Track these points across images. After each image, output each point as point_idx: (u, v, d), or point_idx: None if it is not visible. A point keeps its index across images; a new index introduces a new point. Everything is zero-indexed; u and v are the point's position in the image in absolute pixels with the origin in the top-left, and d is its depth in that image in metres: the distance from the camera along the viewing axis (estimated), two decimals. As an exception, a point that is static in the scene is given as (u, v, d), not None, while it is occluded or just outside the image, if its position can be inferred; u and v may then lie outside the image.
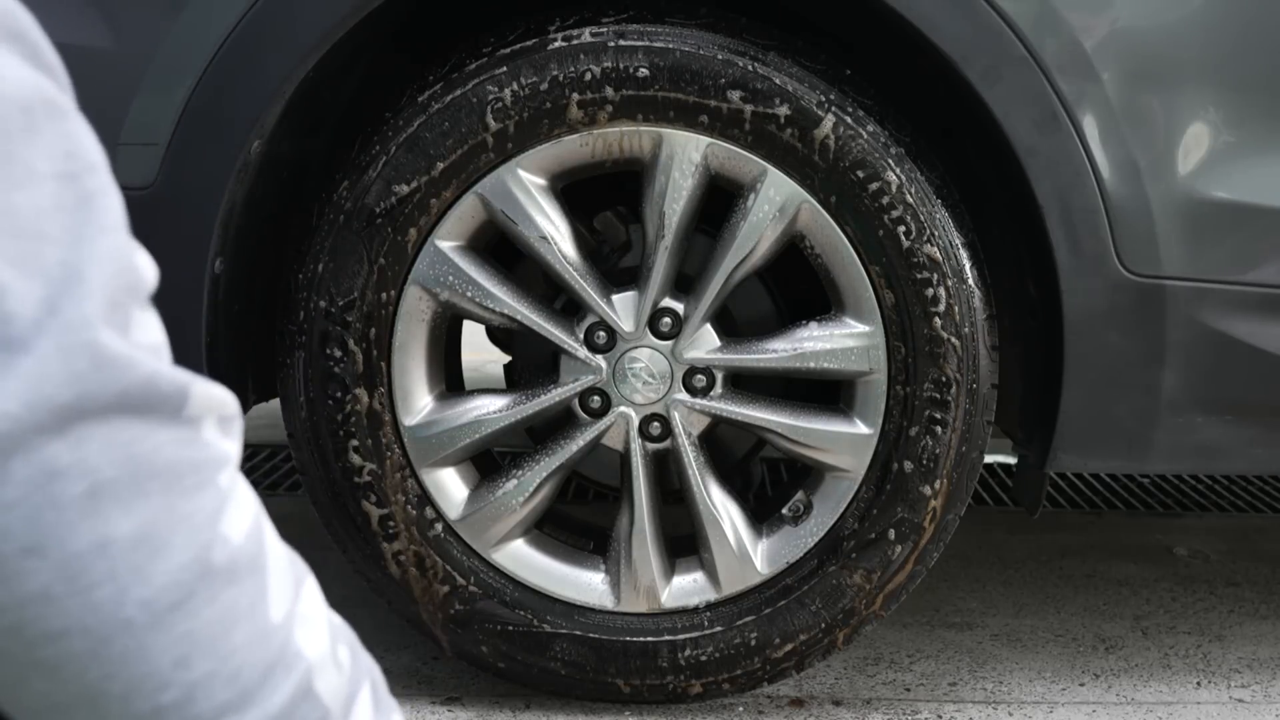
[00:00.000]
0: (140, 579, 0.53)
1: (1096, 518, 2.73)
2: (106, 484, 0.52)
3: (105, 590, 0.52)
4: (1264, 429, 1.65)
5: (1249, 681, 1.93)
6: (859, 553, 1.67)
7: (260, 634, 0.57)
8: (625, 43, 1.54)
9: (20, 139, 0.52)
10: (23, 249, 0.51)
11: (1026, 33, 1.49)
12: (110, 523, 0.52)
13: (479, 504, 1.68)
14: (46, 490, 0.51)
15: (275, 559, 0.60)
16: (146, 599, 0.53)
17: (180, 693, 0.55)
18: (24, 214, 0.51)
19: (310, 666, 0.60)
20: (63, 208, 0.53)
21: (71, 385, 0.51)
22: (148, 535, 0.53)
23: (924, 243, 1.57)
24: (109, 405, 0.52)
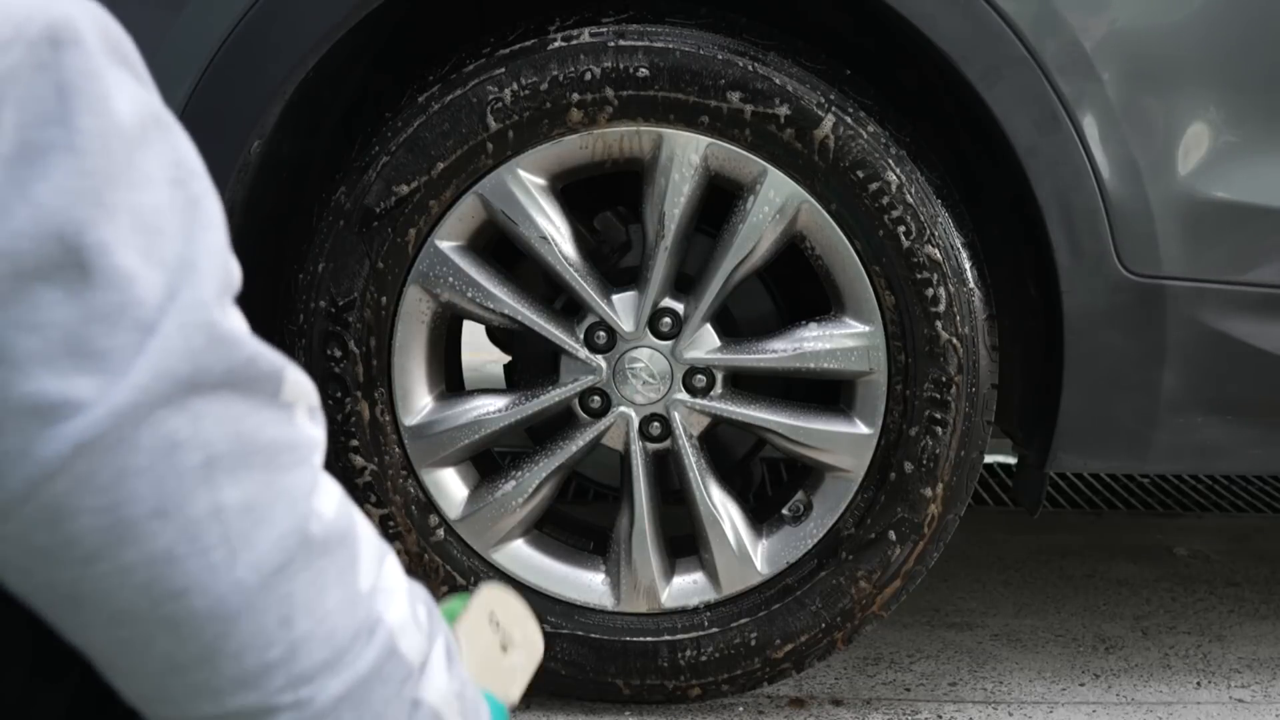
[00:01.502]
0: (248, 544, 0.59)
1: (1096, 518, 2.73)
2: (219, 456, 0.58)
3: (220, 552, 0.58)
4: (1264, 429, 1.65)
5: (1249, 681, 1.93)
6: (859, 553, 1.67)
7: (350, 600, 0.64)
8: (625, 43, 1.54)
9: (139, 149, 0.59)
10: (148, 243, 0.57)
11: (1026, 33, 1.49)
12: (222, 491, 0.58)
13: (479, 504, 1.68)
14: (170, 459, 0.57)
15: (363, 535, 0.66)
16: (254, 562, 0.59)
17: (284, 650, 0.61)
18: (145, 213, 0.58)
19: (393, 629, 0.66)
20: (176, 208, 0.60)
21: (190, 360, 0.57)
22: (253, 505, 0.59)
23: (924, 243, 1.57)
24: (220, 381, 0.58)
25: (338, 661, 0.63)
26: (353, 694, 0.64)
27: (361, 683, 0.64)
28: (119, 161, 0.58)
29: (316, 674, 0.62)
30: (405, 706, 0.67)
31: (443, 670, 0.71)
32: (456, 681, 0.73)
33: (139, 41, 0.65)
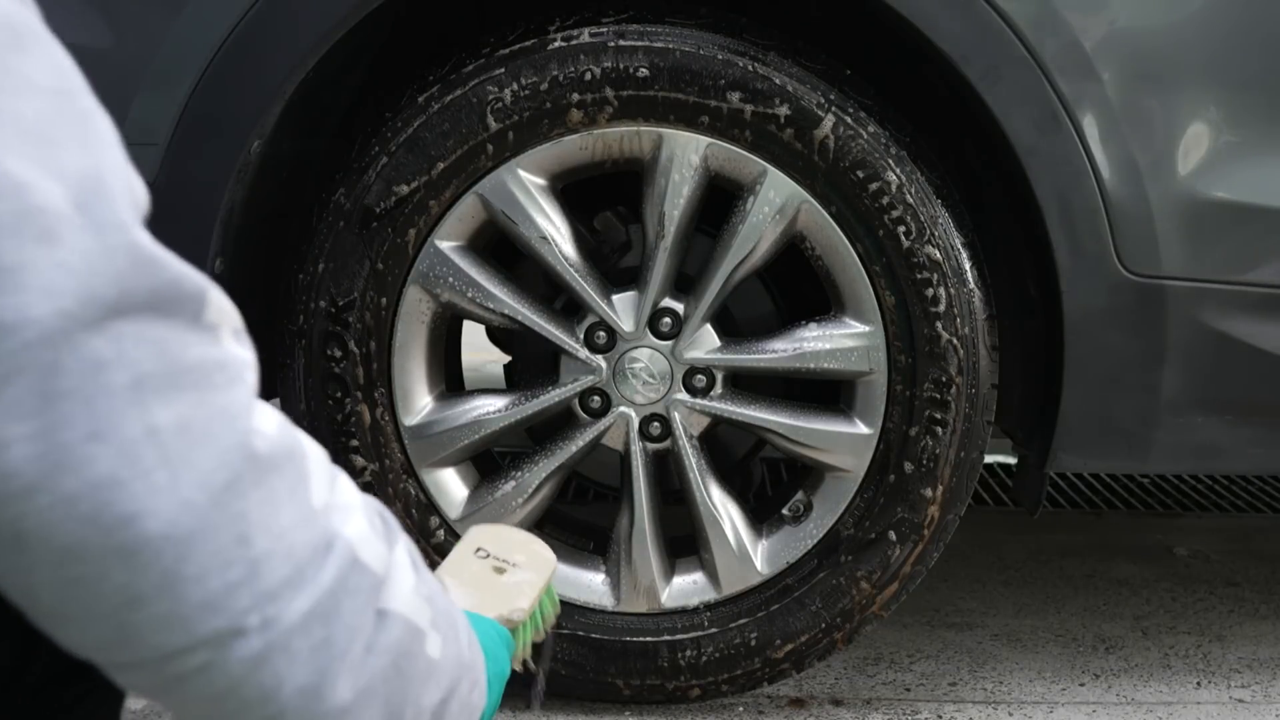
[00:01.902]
0: (190, 463, 0.58)
1: (1096, 518, 2.73)
2: (146, 376, 0.57)
3: (162, 473, 0.57)
4: (1264, 429, 1.65)
5: (1249, 681, 1.93)
6: (859, 553, 1.67)
7: (305, 516, 0.63)
8: (625, 43, 1.54)
9: (13, 53, 0.56)
10: (37, 151, 0.55)
11: (1026, 33, 1.49)
12: (154, 412, 0.57)
13: (479, 504, 1.68)
14: (97, 379, 0.55)
15: (311, 453, 0.66)
16: (200, 480, 0.58)
17: (246, 569, 0.60)
18: (30, 120, 0.55)
19: (353, 542, 0.66)
20: (66, 119, 0.57)
21: (116, 283, 0.56)
22: (189, 424, 0.58)
23: (924, 243, 1.57)
24: (143, 303, 0.57)
25: (300, 577, 0.62)
26: (320, 608, 0.63)
27: (328, 596, 0.63)
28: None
29: (280, 591, 0.61)
30: (372, 617, 0.66)
31: (408, 576, 0.71)
32: (425, 586, 0.72)
33: (139, 41, 0.65)
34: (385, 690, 0.68)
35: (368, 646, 0.66)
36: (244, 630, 0.60)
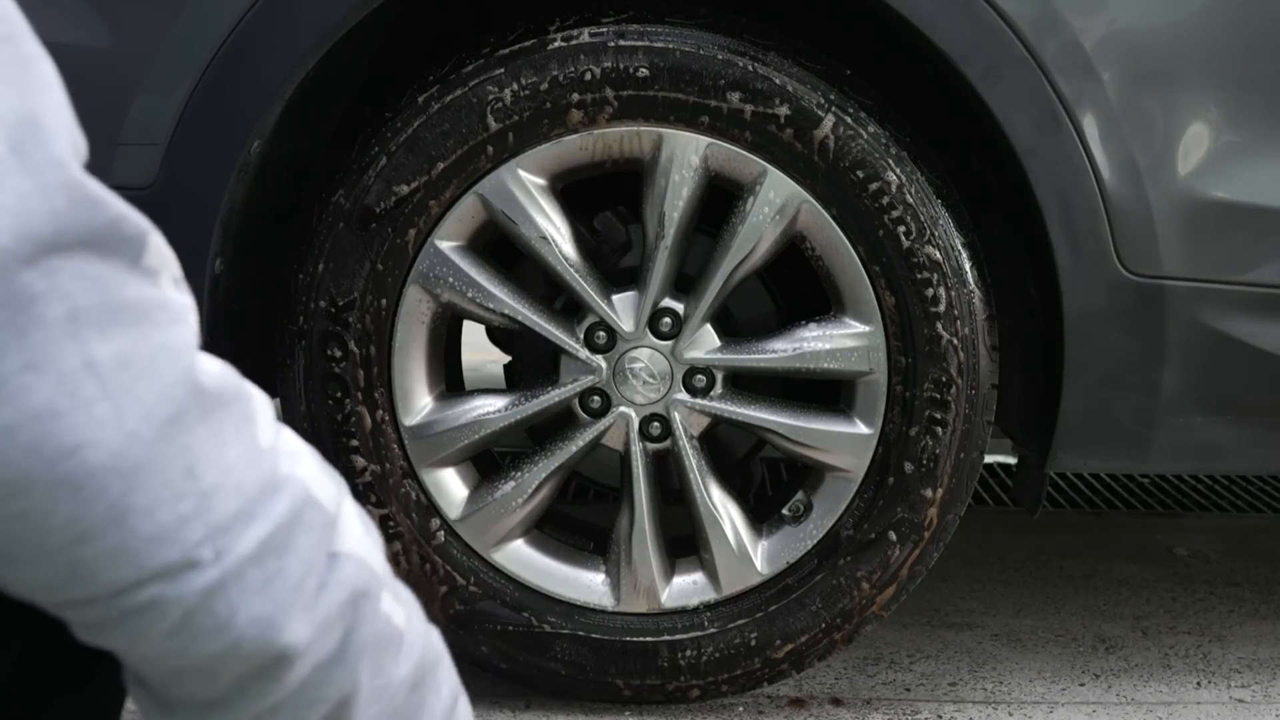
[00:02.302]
0: (133, 396, 0.58)
1: (1096, 518, 2.73)
2: (82, 310, 0.57)
3: (103, 406, 0.57)
4: (1264, 429, 1.65)
5: (1249, 681, 1.93)
6: (859, 553, 1.67)
7: (253, 454, 0.63)
8: (625, 43, 1.54)
9: None
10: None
11: (1026, 33, 1.49)
12: (91, 345, 0.57)
13: (479, 504, 1.68)
14: (30, 311, 0.55)
15: (257, 396, 0.66)
16: (144, 413, 0.59)
17: (196, 501, 0.60)
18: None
19: (306, 481, 0.66)
20: (4, 63, 0.57)
21: (51, 221, 0.56)
22: (130, 359, 0.59)
23: (924, 243, 1.57)
24: (79, 241, 0.57)
25: (251, 511, 0.62)
26: (273, 540, 0.63)
27: (280, 529, 0.63)
28: None
29: (231, 524, 0.61)
30: (325, 556, 0.66)
31: (358, 525, 0.71)
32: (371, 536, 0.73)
33: (139, 41, 0.65)
34: (343, 640, 0.67)
35: (321, 583, 0.66)
36: (196, 562, 0.60)
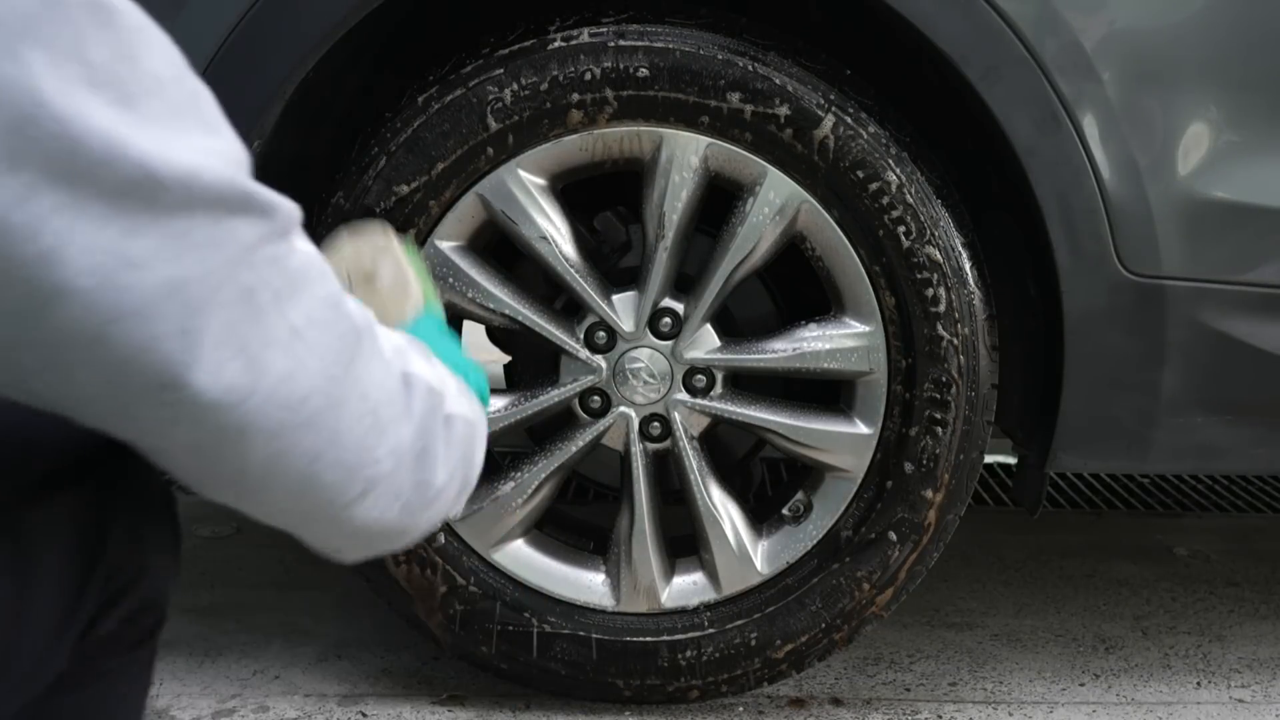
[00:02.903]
0: (325, 347, 0.73)
1: (1096, 518, 2.74)
2: (278, 290, 0.71)
3: (312, 360, 0.73)
4: (1264, 429, 1.65)
5: (1249, 681, 1.93)
6: (859, 553, 1.67)
7: (389, 366, 0.80)
8: (625, 43, 1.54)
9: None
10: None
11: (1026, 33, 1.49)
12: (290, 315, 0.71)
13: (479, 504, 1.68)
14: (254, 302, 0.69)
15: (369, 315, 0.81)
16: (335, 358, 0.74)
17: (372, 420, 0.77)
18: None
19: (419, 374, 0.83)
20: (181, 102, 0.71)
21: (250, 224, 0.71)
22: (314, 318, 0.73)
23: (924, 243, 1.57)
24: (263, 234, 0.70)
25: (401, 414, 0.80)
26: (419, 429, 0.81)
27: (421, 419, 0.82)
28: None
29: (393, 427, 0.79)
30: (443, 422, 0.85)
31: (451, 382, 0.89)
32: (456, 382, 0.90)
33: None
34: (461, 467, 0.89)
35: (446, 442, 0.85)
36: (378, 462, 0.78)
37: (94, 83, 0.63)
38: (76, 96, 0.62)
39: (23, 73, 0.61)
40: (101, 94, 0.63)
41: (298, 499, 0.76)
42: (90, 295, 0.63)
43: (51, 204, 0.61)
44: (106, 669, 0.90)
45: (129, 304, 0.64)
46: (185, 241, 0.65)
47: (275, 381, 0.70)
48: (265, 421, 0.70)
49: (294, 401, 0.71)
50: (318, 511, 0.78)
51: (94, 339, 0.64)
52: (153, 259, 0.64)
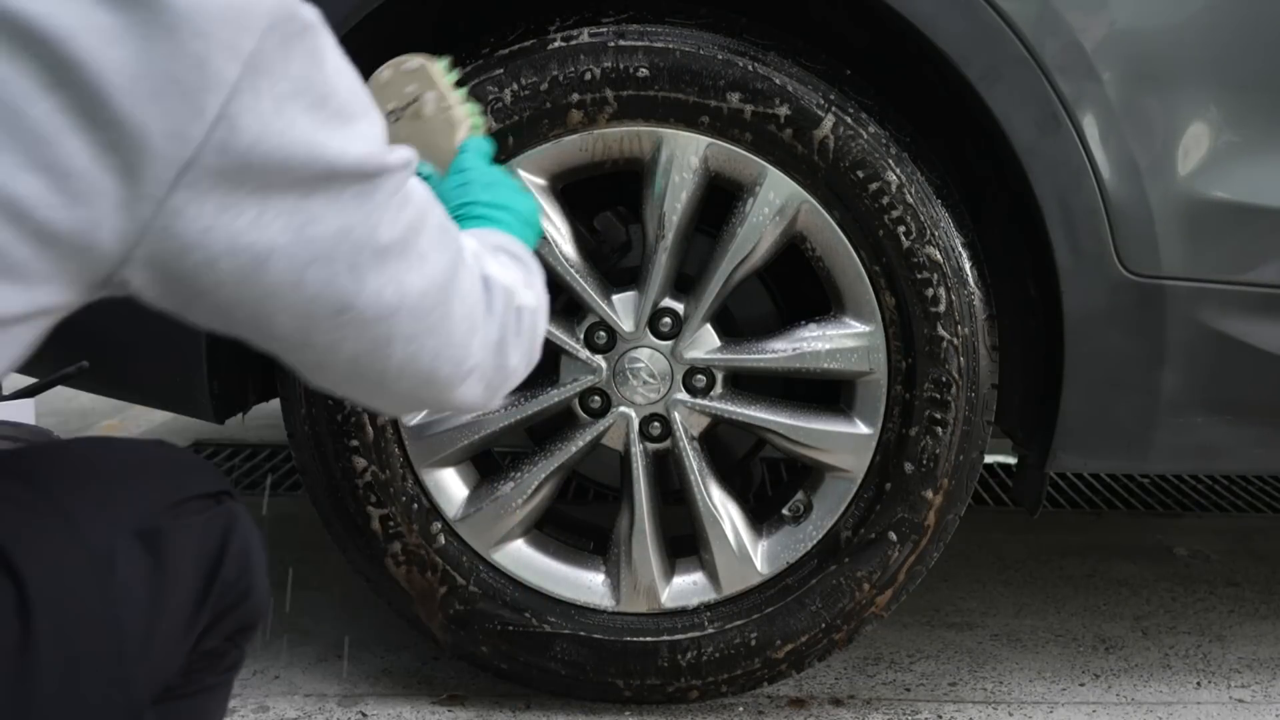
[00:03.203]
0: (440, 260, 0.89)
1: (1096, 518, 2.73)
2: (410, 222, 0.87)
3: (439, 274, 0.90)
4: (1264, 429, 1.65)
5: (1249, 681, 1.93)
6: (859, 553, 1.67)
7: (475, 271, 0.95)
8: (625, 43, 1.54)
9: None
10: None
11: (1026, 33, 1.49)
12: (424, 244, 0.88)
13: (479, 504, 1.68)
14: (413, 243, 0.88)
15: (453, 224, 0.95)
16: (446, 267, 0.90)
17: (468, 325, 0.93)
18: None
19: (495, 275, 0.97)
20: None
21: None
22: (442, 238, 0.91)
23: (924, 243, 1.57)
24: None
25: (484, 314, 0.94)
26: (499, 325, 0.96)
27: (500, 315, 0.96)
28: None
29: (481, 326, 0.94)
30: (515, 314, 0.99)
31: (519, 275, 1.03)
32: (521, 271, 1.04)
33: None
34: (527, 349, 1.02)
35: (517, 332, 0.99)
36: (474, 355, 0.94)
37: (296, 95, 0.76)
38: (287, 114, 0.76)
39: (257, 103, 0.74)
40: (300, 104, 0.76)
41: (418, 390, 0.93)
42: (288, 249, 0.78)
43: (262, 197, 0.77)
44: (202, 685, 1.01)
45: (314, 252, 0.80)
46: (347, 199, 0.80)
47: (414, 297, 0.86)
48: (406, 329, 0.87)
49: (424, 311, 0.88)
50: (429, 398, 0.95)
51: (296, 283, 0.80)
52: (325, 215, 0.79)
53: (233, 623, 0.99)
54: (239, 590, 0.98)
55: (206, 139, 0.72)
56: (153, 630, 0.89)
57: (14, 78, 0.68)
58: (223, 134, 0.73)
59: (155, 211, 0.73)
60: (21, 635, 0.80)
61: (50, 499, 0.87)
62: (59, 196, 0.70)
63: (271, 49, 0.75)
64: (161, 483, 0.94)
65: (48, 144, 0.69)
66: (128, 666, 0.87)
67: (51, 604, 0.82)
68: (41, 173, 0.69)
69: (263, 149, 0.75)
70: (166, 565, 0.90)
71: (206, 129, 0.72)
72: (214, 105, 0.72)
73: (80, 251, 0.72)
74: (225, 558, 0.96)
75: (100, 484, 0.91)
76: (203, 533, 0.94)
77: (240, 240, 0.77)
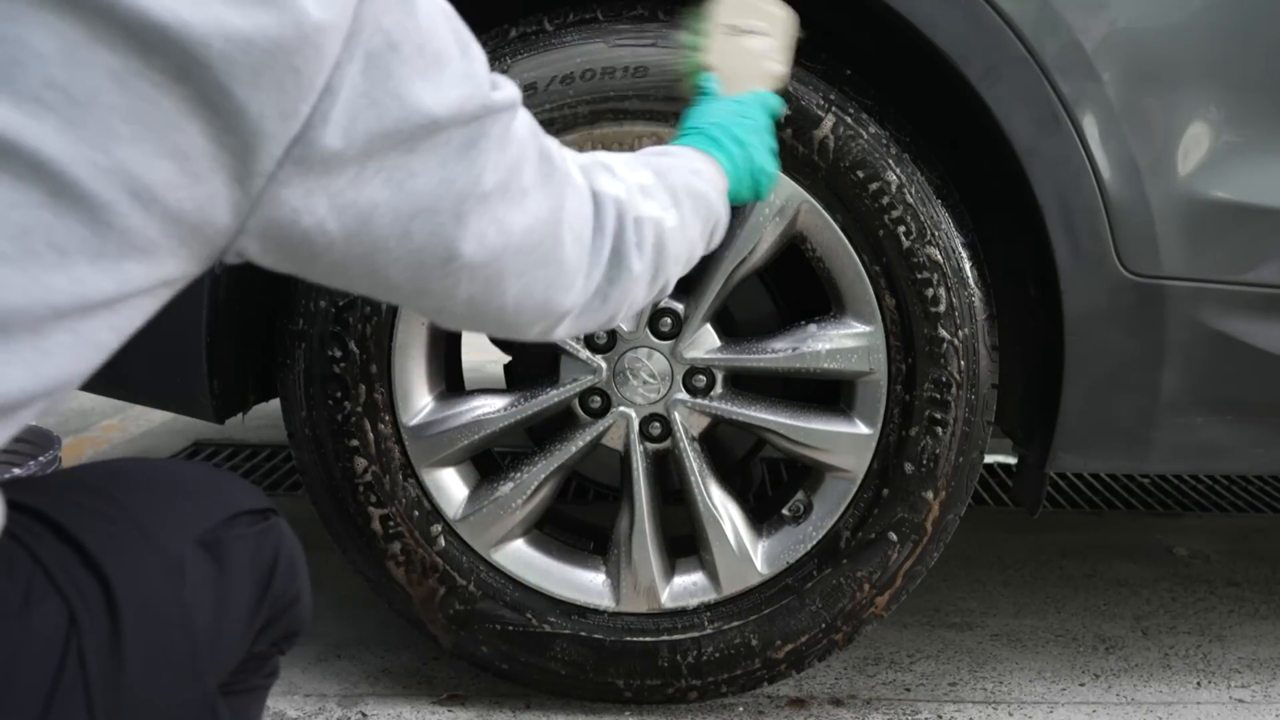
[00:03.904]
0: (548, 199, 0.93)
1: (1096, 518, 2.74)
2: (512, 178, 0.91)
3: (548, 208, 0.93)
4: (1264, 429, 1.65)
5: (1249, 681, 1.93)
6: (859, 553, 1.67)
7: (584, 193, 0.97)
8: (624, 42, 1.54)
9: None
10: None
11: (1026, 33, 1.49)
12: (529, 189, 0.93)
13: (479, 504, 1.68)
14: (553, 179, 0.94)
15: (555, 146, 0.97)
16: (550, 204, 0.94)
17: (585, 255, 0.98)
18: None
19: (604, 190, 1.00)
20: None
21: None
22: (549, 174, 0.94)
23: (924, 243, 1.57)
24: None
25: (595, 239, 0.98)
26: (615, 241, 0.99)
27: (614, 233, 0.99)
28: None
29: (595, 247, 0.98)
30: (632, 224, 1.01)
31: (632, 184, 1.04)
32: (647, 178, 1.06)
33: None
34: (653, 259, 1.04)
35: (638, 244, 1.01)
36: (588, 274, 0.98)
37: (390, 48, 0.78)
38: (381, 68, 0.78)
39: (352, 66, 0.77)
40: (395, 57, 0.79)
41: (537, 316, 0.97)
42: (391, 203, 0.81)
43: (363, 157, 0.80)
44: (249, 685, 1.07)
45: (416, 204, 0.83)
46: (449, 150, 0.83)
47: (519, 235, 0.89)
48: (516, 265, 0.91)
49: (530, 246, 0.91)
50: (548, 321, 0.99)
51: (401, 235, 0.83)
52: (426, 168, 0.82)
53: (281, 628, 1.05)
54: (288, 598, 1.04)
55: (312, 113, 0.76)
56: (219, 631, 0.95)
57: (147, 72, 0.71)
58: (325, 105, 0.76)
59: (266, 184, 0.77)
60: (112, 632, 0.86)
61: (124, 510, 0.92)
62: (184, 178, 0.74)
63: (366, 9, 0.77)
64: (214, 498, 1.00)
65: (178, 131, 0.73)
66: (201, 662, 0.93)
67: (135, 605, 0.87)
68: (170, 158, 0.73)
69: (356, 112, 0.78)
70: (227, 572, 0.96)
71: (313, 104, 0.76)
72: (320, 81, 0.76)
73: (201, 227, 0.76)
74: (277, 568, 1.02)
75: (162, 498, 0.97)
76: (256, 545, 1.00)
77: (342, 199, 0.80)
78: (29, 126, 0.70)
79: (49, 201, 0.71)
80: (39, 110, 0.70)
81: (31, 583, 0.83)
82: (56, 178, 0.71)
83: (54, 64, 0.70)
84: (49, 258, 0.72)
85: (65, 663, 0.83)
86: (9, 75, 0.70)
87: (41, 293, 0.72)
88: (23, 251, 0.71)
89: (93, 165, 0.71)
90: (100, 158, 0.71)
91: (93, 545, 0.87)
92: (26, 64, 0.70)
